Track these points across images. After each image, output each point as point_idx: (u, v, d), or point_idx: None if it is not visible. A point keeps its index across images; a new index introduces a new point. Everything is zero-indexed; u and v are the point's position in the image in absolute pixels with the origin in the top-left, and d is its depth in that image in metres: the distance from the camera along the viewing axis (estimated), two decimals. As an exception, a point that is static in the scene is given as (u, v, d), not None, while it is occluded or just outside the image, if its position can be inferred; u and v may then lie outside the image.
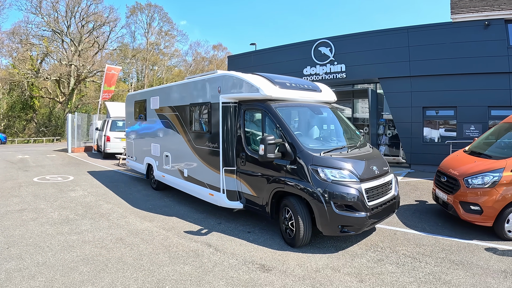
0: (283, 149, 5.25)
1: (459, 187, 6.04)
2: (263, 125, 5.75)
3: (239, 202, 6.24)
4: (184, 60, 57.54)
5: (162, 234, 5.76)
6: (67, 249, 5.05)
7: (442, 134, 13.05)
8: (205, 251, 5.06)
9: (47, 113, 40.89)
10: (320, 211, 4.86)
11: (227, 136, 6.22)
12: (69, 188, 9.45)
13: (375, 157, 5.88)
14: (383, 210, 5.32)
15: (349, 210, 4.87)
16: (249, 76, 6.04)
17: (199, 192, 7.11)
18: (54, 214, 6.86)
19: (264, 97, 5.72)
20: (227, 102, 6.21)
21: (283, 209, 5.45)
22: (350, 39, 14.52)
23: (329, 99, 6.98)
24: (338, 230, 4.87)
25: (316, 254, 4.99)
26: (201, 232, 5.90)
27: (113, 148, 16.40)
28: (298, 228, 5.06)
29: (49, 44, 39.39)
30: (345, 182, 4.95)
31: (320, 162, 5.01)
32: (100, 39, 42.91)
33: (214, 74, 6.73)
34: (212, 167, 6.59)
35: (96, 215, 6.87)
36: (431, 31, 12.75)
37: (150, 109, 9.41)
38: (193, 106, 7.28)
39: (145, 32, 49.96)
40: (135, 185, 10.20)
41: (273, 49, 17.13)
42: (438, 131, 13.15)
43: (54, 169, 13.19)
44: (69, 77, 39.94)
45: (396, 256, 4.88)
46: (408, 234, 5.87)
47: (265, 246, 5.30)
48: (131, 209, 7.41)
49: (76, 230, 5.93)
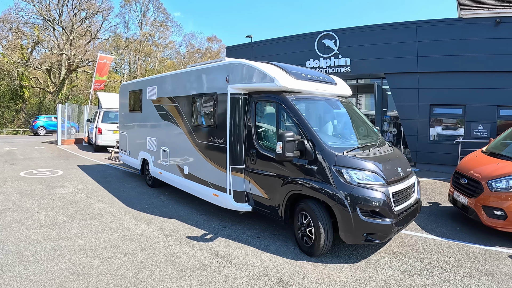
0: (301, 147, 4.66)
1: (482, 190, 5.68)
2: (277, 120, 5.15)
3: (247, 204, 5.65)
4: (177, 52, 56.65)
5: (162, 240, 5.14)
6: (55, 259, 4.39)
7: (449, 133, 12.68)
8: (213, 261, 4.46)
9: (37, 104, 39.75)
10: (344, 217, 4.32)
11: (235, 131, 5.61)
12: (57, 184, 8.76)
13: (398, 157, 5.39)
14: (408, 215, 4.84)
15: (376, 216, 4.36)
16: (261, 64, 5.44)
17: (201, 192, 6.50)
18: (40, 215, 6.19)
19: (279, 89, 5.12)
20: (236, 93, 5.59)
21: (299, 213, 4.89)
22: (356, 32, 13.97)
23: (344, 92, 6.43)
24: (363, 239, 4.35)
25: (337, 264, 4.49)
26: (206, 238, 5.30)
27: (105, 141, 15.88)
28: (318, 236, 4.51)
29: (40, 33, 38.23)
30: (372, 185, 4.42)
31: (344, 163, 4.45)
32: (93, 28, 41.85)
33: (221, 61, 6.09)
34: (217, 164, 5.99)
35: (87, 216, 6.22)
36: (440, 27, 12.33)
37: (146, 100, 8.74)
38: (197, 97, 6.63)
39: (139, 23, 48.89)
40: (128, 181, 9.55)
41: (274, 40, 16.49)
42: (445, 130, 12.77)
43: (42, 162, 12.44)
44: (60, 66, 38.87)
45: (422, 266, 4.47)
46: (429, 239, 5.47)
47: (279, 255, 4.74)
48: (126, 209, 6.78)
49: (65, 234, 5.27)
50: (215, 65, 6.18)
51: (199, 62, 7.47)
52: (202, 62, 6.95)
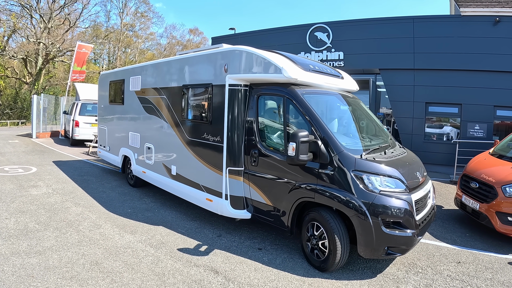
0: (314, 148, 4.05)
1: (495, 195, 5.39)
2: (285, 116, 4.50)
3: (245, 211, 5.01)
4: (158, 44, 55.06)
5: (151, 254, 4.43)
6: (25, 281, 3.61)
7: (444, 132, 12.36)
8: (213, 281, 3.80)
9: (13, 95, 37.87)
10: (364, 229, 3.75)
11: (233, 128, 4.94)
12: (30, 184, 7.87)
13: (415, 160, 4.92)
14: (426, 224, 4.37)
15: (398, 227, 3.83)
16: (266, 53, 4.79)
17: (192, 196, 5.81)
18: (9, 222, 5.35)
19: (287, 80, 4.48)
20: (235, 85, 4.91)
21: (308, 223, 4.30)
22: (350, 25, 13.43)
23: (351, 87, 5.89)
24: (384, 253, 3.82)
25: (353, 280, 3.97)
26: (200, 251, 4.62)
27: (82, 135, 15.01)
28: (334, 250, 3.93)
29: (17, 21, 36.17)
30: (395, 193, 3.89)
31: (365, 167, 3.87)
32: (72, 16, 39.90)
33: (218, 48, 5.38)
34: (211, 165, 5.31)
35: (62, 223, 5.42)
36: (438, 23, 11.95)
37: (129, 91, 7.93)
38: (188, 89, 5.90)
39: (120, 12, 47.07)
40: (108, 180, 8.73)
41: (263, 31, 15.74)
42: (441, 129, 12.45)
43: (15, 157, 11.39)
44: (37, 56, 36.99)
45: (442, 279, 4.10)
46: (441, 248, 5.11)
47: (287, 270, 4.15)
48: (106, 214, 6.01)
49: (37, 247, 4.46)
50: (211, 52, 5.45)
51: (189, 50, 6.69)
52: (195, 49, 6.21)
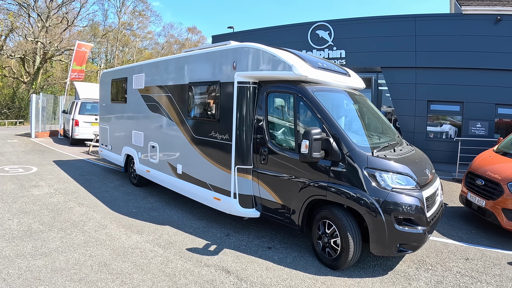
0: (326, 146, 4.01)
1: (501, 192, 5.40)
2: (295, 114, 4.45)
3: (254, 210, 4.96)
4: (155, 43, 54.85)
5: (160, 255, 4.36)
6: (32, 284, 3.52)
7: (446, 130, 12.37)
8: (225, 281, 3.75)
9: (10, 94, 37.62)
10: (377, 227, 3.73)
11: (242, 126, 4.89)
12: (31, 184, 7.78)
13: (423, 158, 4.93)
14: (436, 221, 4.36)
15: (410, 224, 3.83)
16: (275, 50, 4.75)
17: (198, 195, 5.75)
18: (12, 223, 5.27)
19: (297, 78, 4.44)
20: (244, 82, 4.86)
21: (319, 221, 4.26)
22: (352, 24, 13.42)
23: (358, 85, 5.87)
24: (395, 250, 3.81)
25: (364, 278, 3.96)
26: (209, 250, 4.57)
27: (82, 134, 14.89)
28: (346, 248, 3.91)
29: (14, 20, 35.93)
30: (407, 190, 3.88)
31: (377, 165, 3.85)
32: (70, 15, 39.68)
33: (227, 45, 5.32)
34: (219, 164, 5.26)
35: (67, 223, 5.34)
36: (440, 21, 12.01)
37: (132, 89, 7.85)
38: (195, 86, 5.84)
39: (118, 11, 46.84)
40: (110, 179, 8.65)
41: (264, 29, 15.71)
42: (442, 127, 12.46)
43: (15, 157, 11.29)
44: (34, 55, 36.79)
45: (453, 276, 4.12)
46: (449, 245, 5.12)
47: (299, 269, 4.11)
48: (111, 213, 5.94)
49: (43, 249, 4.37)
50: (219, 49, 5.39)
51: (194, 47, 6.61)
52: (202, 46, 6.14)
